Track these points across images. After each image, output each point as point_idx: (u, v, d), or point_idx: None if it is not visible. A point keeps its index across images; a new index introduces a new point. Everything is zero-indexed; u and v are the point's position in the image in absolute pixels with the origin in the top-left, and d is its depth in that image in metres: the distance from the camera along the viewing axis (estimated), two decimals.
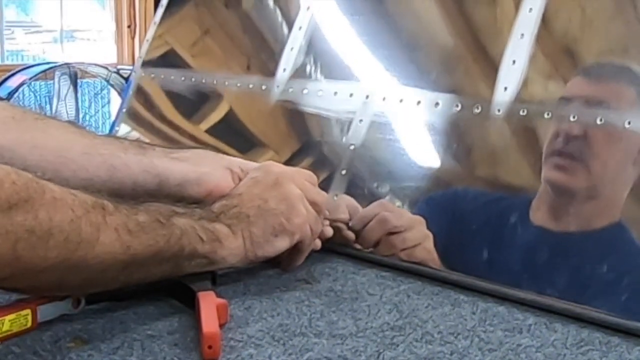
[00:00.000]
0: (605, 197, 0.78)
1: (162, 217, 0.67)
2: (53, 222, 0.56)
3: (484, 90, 0.87)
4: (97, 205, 0.61)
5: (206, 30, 1.21)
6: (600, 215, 0.77)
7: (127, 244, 0.62)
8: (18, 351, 0.62)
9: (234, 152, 1.08)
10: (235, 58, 1.16)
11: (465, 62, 0.92)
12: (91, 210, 0.60)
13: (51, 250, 0.56)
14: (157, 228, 0.66)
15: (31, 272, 0.56)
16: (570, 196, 0.79)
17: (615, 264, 0.74)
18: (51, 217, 0.56)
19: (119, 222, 0.62)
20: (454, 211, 0.87)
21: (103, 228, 0.60)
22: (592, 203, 0.78)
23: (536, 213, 0.81)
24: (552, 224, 0.79)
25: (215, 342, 0.61)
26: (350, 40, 1.03)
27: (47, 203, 0.56)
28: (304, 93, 1.03)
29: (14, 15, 4.03)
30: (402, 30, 1.00)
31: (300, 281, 0.82)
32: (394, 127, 0.94)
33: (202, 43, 1.21)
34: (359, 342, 0.67)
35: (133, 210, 0.65)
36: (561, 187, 0.80)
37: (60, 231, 0.56)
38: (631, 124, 0.75)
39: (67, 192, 0.59)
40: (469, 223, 0.85)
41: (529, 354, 0.66)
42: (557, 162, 0.81)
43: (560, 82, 0.83)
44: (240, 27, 1.17)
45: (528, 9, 0.85)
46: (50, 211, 0.56)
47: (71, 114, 3.39)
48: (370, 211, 0.90)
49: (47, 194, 0.56)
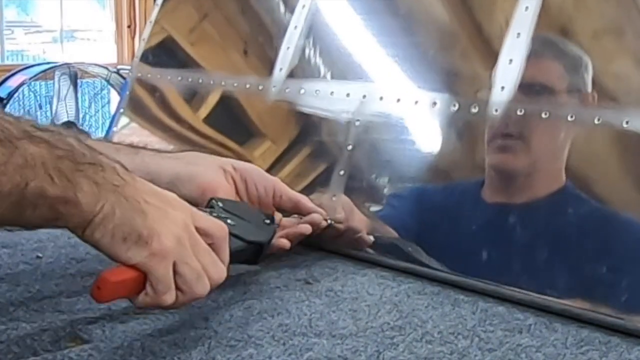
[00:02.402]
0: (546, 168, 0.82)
1: (4, 133, 0.55)
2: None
3: (482, 89, 0.87)
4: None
5: (204, 15, 1.21)
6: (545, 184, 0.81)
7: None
8: (18, 351, 0.62)
9: (231, 151, 1.08)
10: (232, 43, 1.16)
11: (464, 61, 0.92)
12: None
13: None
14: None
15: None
16: (514, 175, 0.83)
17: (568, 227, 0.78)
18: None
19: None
20: (419, 203, 0.90)
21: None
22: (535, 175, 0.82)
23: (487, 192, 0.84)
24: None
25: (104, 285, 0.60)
26: (347, 39, 1.03)
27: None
28: (300, 93, 1.03)
29: (14, 15, 4.03)
30: (400, 30, 1.00)
31: (300, 281, 0.82)
32: (391, 127, 0.94)
33: (200, 29, 1.20)
34: (359, 342, 0.67)
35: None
36: (504, 168, 0.84)
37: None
38: (629, 123, 0.75)
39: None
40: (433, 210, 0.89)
41: (529, 354, 0.66)
42: (498, 144, 0.84)
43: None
44: (238, 11, 1.17)
45: (524, 8, 0.85)
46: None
47: (71, 114, 3.39)
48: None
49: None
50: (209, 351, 0.64)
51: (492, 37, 0.89)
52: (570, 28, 0.85)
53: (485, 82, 0.86)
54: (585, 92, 0.80)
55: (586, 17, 0.84)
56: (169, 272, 0.61)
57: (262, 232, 0.80)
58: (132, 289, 0.61)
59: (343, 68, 1.02)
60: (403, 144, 0.92)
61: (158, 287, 0.61)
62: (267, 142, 1.06)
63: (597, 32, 0.83)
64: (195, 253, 0.63)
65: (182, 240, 0.62)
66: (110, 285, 0.59)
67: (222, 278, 0.66)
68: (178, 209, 0.64)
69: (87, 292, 0.75)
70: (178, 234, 0.62)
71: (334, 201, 0.93)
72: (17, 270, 0.83)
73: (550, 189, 0.80)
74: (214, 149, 1.09)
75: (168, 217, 0.62)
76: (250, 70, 1.12)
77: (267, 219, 0.82)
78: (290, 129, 1.04)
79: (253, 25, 1.14)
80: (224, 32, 1.18)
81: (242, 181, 0.87)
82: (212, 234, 0.66)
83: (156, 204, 0.62)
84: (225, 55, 1.17)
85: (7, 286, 0.77)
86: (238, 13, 1.17)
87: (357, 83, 0.99)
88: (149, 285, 0.61)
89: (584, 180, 0.79)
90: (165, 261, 0.61)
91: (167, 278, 0.61)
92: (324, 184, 0.95)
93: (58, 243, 0.91)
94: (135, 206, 0.60)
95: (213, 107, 1.14)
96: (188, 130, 1.16)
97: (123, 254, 0.60)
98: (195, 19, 1.21)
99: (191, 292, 0.63)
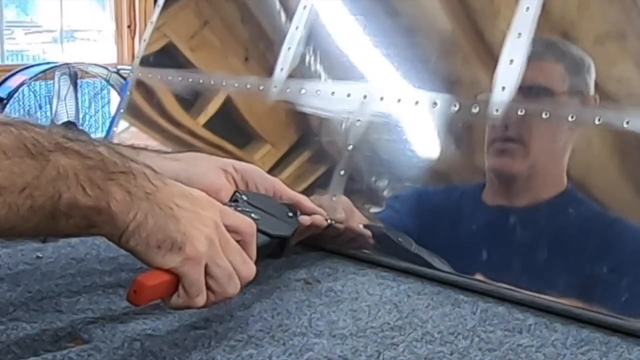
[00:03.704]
0: (547, 171, 0.81)
1: (36, 147, 0.55)
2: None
3: (482, 90, 0.87)
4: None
5: (205, 22, 1.21)
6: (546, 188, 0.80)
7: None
8: (18, 351, 0.62)
9: (232, 151, 1.08)
10: (233, 50, 1.16)
11: (465, 61, 0.92)
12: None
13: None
14: (23, 156, 0.55)
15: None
16: (514, 178, 0.83)
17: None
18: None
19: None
20: (418, 203, 0.90)
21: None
22: (536, 179, 0.82)
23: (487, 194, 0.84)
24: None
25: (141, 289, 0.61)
26: (348, 39, 1.03)
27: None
28: (301, 93, 1.03)
29: (14, 15, 4.03)
30: (400, 29, 1.00)
31: (300, 281, 0.82)
32: (392, 127, 0.94)
33: (200, 35, 1.21)
34: (359, 342, 0.67)
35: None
36: (505, 170, 0.84)
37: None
38: (629, 123, 0.75)
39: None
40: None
41: (529, 354, 0.66)
42: (498, 147, 0.84)
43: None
44: (238, 18, 1.17)
45: (525, 8, 0.85)
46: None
47: (71, 114, 3.39)
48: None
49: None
50: (209, 351, 0.64)
51: (493, 38, 0.89)
52: (571, 29, 0.85)
53: (486, 83, 0.86)
54: (587, 94, 0.80)
55: (587, 17, 0.84)
56: (202, 275, 0.62)
57: (286, 226, 0.81)
58: (166, 291, 0.62)
59: (343, 68, 1.01)
60: (403, 145, 0.92)
61: (191, 290, 0.62)
62: (268, 142, 1.06)
63: (599, 32, 0.83)
64: (226, 253, 0.64)
65: (214, 241, 0.63)
66: (146, 289, 0.61)
67: (252, 276, 0.67)
68: (208, 209, 0.65)
69: (87, 292, 0.76)
70: (210, 236, 0.63)
71: (334, 201, 0.93)
72: (17, 270, 0.83)
73: (552, 191, 0.80)
74: (216, 145, 1.09)
75: (199, 220, 0.63)
76: (251, 74, 1.12)
77: (290, 211, 0.83)
78: (291, 129, 1.04)
79: (254, 32, 1.14)
80: (225, 38, 1.18)
81: (243, 182, 0.87)
82: (242, 231, 0.67)
83: (187, 207, 0.63)
84: (226, 61, 1.17)
85: (7, 286, 0.77)
86: (239, 19, 1.17)
87: (357, 83, 0.99)
88: (181, 288, 0.62)
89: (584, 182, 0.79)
90: (198, 265, 0.62)
91: (200, 281, 0.62)
92: (324, 184, 0.95)
93: (58, 243, 0.91)
94: (168, 212, 0.61)
95: (214, 107, 1.14)
96: (190, 130, 1.16)
97: (158, 259, 0.61)
98: (196, 25, 1.21)
99: (223, 292, 0.64)
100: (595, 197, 0.78)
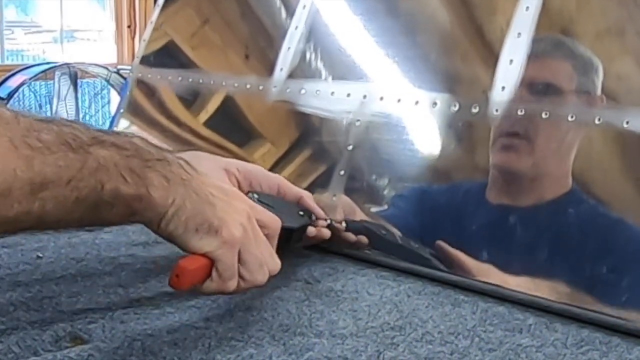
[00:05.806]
0: (551, 171, 0.81)
1: (76, 141, 0.57)
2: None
3: (482, 89, 0.87)
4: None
5: (205, 20, 1.21)
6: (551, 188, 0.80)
7: (29, 159, 0.53)
8: (18, 351, 0.62)
9: (233, 150, 1.08)
10: (233, 48, 1.16)
11: (464, 61, 0.92)
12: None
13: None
14: (66, 151, 0.56)
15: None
16: (518, 176, 0.83)
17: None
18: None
19: (15, 133, 0.53)
20: (420, 203, 0.90)
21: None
22: (540, 178, 0.81)
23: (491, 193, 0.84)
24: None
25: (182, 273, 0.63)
26: (348, 39, 1.03)
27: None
28: (301, 93, 1.03)
29: (14, 15, 4.03)
30: (400, 29, 1.00)
31: (300, 281, 0.82)
32: (392, 127, 0.94)
33: (201, 34, 1.21)
34: (359, 342, 0.67)
35: (37, 124, 0.56)
36: (507, 169, 0.84)
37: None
38: (629, 123, 0.75)
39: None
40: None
41: (529, 354, 0.66)
42: (503, 143, 0.84)
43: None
44: (238, 15, 1.17)
45: (525, 8, 0.85)
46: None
47: (71, 114, 3.39)
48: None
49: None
50: (209, 351, 0.64)
51: (493, 37, 0.89)
52: (571, 28, 0.85)
53: (486, 82, 0.86)
54: (592, 94, 0.79)
55: (587, 17, 0.84)
56: (235, 260, 0.65)
57: (295, 219, 0.84)
58: (203, 276, 0.65)
59: (343, 68, 1.02)
60: (403, 144, 0.92)
61: (225, 274, 0.65)
62: (268, 142, 1.06)
63: (598, 32, 0.83)
64: (257, 243, 0.67)
65: (247, 230, 0.66)
66: (188, 273, 0.63)
67: (278, 269, 0.70)
68: (240, 200, 0.68)
69: (87, 292, 0.76)
70: (244, 224, 0.66)
71: (334, 201, 0.93)
72: (17, 270, 0.82)
73: (555, 191, 0.80)
74: (216, 144, 1.09)
75: (233, 208, 0.66)
76: (251, 72, 1.12)
77: (301, 211, 0.86)
78: (291, 129, 1.04)
79: (254, 30, 1.14)
80: (225, 36, 1.18)
81: (246, 182, 0.87)
82: (268, 226, 0.70)
83: (220, 196, 0.66)
84: (226, 59, 1.17)
85: (7, 286, 0.77)
86: (239, 17, 1.17)
87: (357, 83, 0.99)
88: (215, 272, 0.65)
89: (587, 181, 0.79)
90: (233, 250, 0.65)
91: (234, 266, 0.65)
92: (324, 184, 0.95)
93: (58, 243, 0.91)
94: (204, 198, 0.64)
95: (213, 106, 1.14)
96: (190, 129, 1.16)
97: (196, 243, 0.63)
98: (196, 24, 1.21)
99: (253, 279, 0.67)
100: (598, 198, 0.78)
